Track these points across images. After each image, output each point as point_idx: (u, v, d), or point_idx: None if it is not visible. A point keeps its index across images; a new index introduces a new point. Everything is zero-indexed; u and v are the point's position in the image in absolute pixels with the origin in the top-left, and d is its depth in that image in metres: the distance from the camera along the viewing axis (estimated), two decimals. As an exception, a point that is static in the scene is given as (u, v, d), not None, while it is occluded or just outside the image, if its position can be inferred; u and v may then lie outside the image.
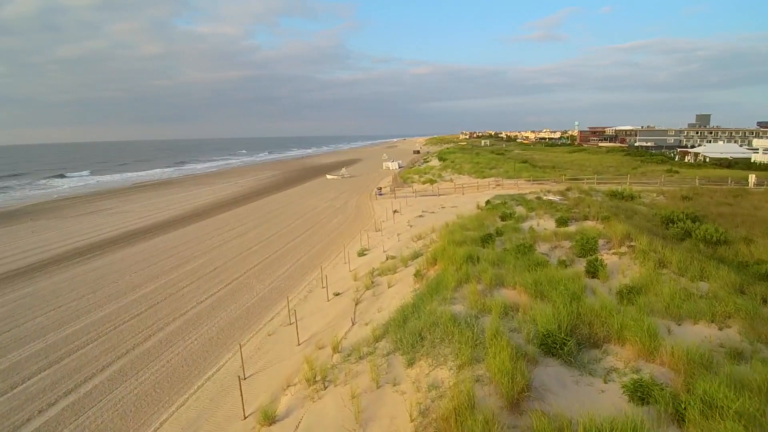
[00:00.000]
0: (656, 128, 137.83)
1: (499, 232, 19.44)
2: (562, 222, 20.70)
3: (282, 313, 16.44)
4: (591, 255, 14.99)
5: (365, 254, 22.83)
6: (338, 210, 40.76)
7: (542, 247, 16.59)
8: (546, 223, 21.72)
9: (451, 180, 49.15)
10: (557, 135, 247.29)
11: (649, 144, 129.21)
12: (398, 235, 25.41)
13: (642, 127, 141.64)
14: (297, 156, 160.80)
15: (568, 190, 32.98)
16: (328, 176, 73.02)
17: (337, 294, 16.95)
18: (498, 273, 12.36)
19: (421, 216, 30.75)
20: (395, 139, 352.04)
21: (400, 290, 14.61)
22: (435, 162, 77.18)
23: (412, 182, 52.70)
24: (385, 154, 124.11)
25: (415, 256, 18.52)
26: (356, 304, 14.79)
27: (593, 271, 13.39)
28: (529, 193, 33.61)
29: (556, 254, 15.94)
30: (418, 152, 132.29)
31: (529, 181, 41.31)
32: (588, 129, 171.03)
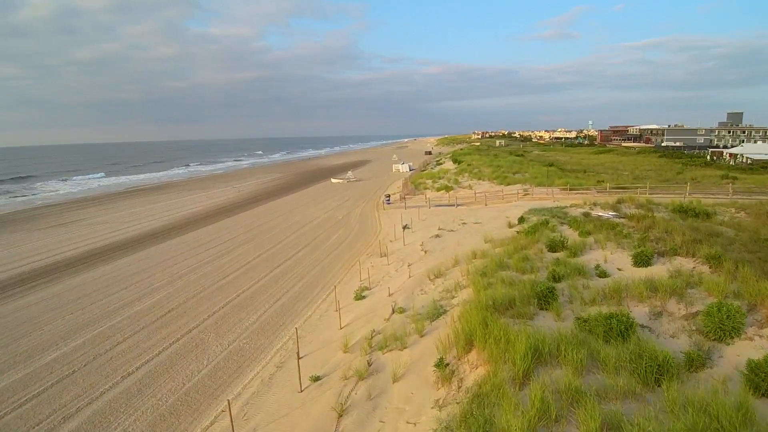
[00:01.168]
0: (685, 127, 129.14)
1: (556, 276, 13.41)
2: (642, 260, 14.55)
3: (223, 418, 10.44)
4: (731, 337, 8.94)
5: (364, 297, 16.97)
6: (339, 223, 35.01)
7: (636, 311, 10.56)
8: (616, 258, 15.59)
9: (470, 186, 42.98)
10: (573, 134, 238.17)
11: (677, 144, 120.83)
12: (409, 266, 19.52)
13: (669, 125, 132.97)
14: (305, 157, 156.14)
15: (619, 202, 26.65)
16: (333, 180, 67.43)
17: (316, 379, 11.13)
18: (606, 410, 6.33)
19: (437, 236, 24.79)
20: (406, 140, 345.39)
21: (413, 397, 8.74)
22: (449, 164, 70.94)
23: (425, 188, 46.69)
24: (395, 156, 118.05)
25: (435, 313, 12.59)
26: (339, 416, 8.95)
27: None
28: (570, 206, 27.38)
29: (664, 329, 9.89)
30: (430, 153, 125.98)
31: (565, 189, 34.97)
32: (609, 128, 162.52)
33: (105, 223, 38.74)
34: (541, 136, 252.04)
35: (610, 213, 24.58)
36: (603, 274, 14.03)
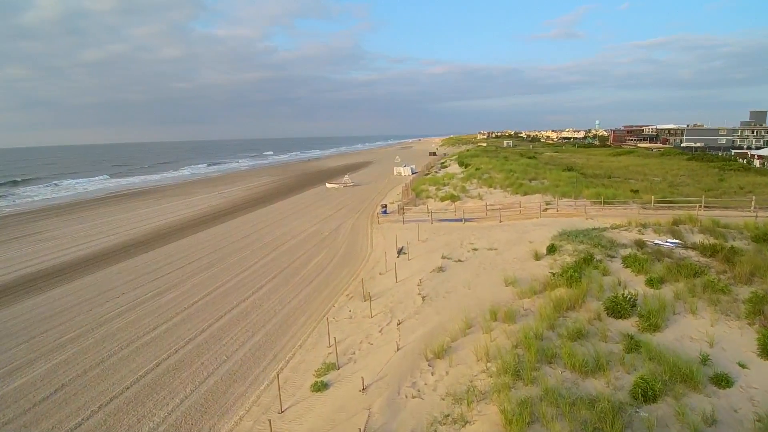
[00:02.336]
0: (705, 127, 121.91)
1: (647, 394, 7.63)
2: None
3: None
4: None
5: (326, 386, 11.12)
6: (324, 241, 29.30)
7: None
8: (724, 336, 9.79)
9: (480, 196, 37.01)
10: (581, 134, 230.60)
11: (698, 145, 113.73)
12: (399, 324, 13.79)
13: (688, 125, 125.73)
14: (305, 158, 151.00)
15: (676, 224, 20.70)
16: (328, 185, 61.78)
17: None
18: None
19: (440, 269, 18.97)
20: (410, 140, 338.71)
21: None
22: (455, 167, 64.94)
23: (427, 197, 40.83)
24: (397, 157, 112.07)
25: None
26: None
27: None
28: (612, 227, 21.48)
29: None
30: (434, 154, 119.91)
31: (597, 202, 28.91)
32: (623, 128, 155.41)
33: (57, 239, 33.38)
34: (548, 136, 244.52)
35: (671, 241, 18.65)
36: (722, 381, 8.21)
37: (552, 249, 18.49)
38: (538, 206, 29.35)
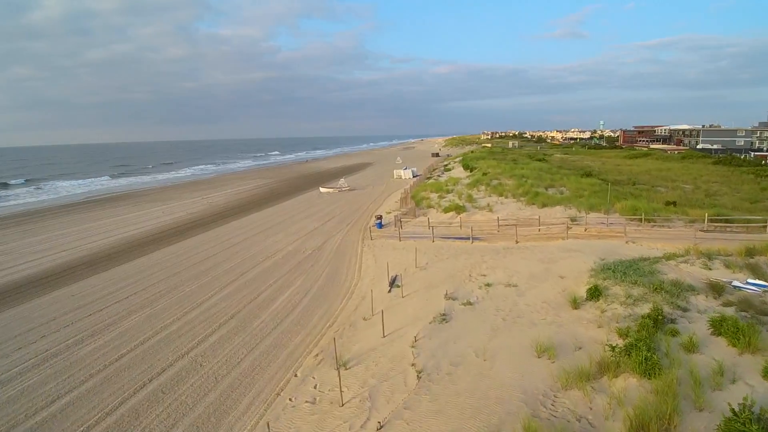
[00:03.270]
0: (722, 128, 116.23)
1: None
2: None
3: None
4: None
5: None
6: (304, 263, 24.50)
7: None
8: None
9: (489, 207, 32.05)
10: (587, 135, 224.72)
11: (715, 146, 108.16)
12: (378, 430, 8.96)
13: (703, 126, 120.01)
14: (304, 159, 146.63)
15: (751, 254, 15.78)
16: (322, 189, 57.04)
17: None
18: None
19: (443, 318, 14.11)
20: (413, 140, 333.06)
21: None
22: (458, 171, 60.00)
23: (429, 206, 35.95)
24: (398, 158, 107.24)
25: None
26: None
27: None
28: (666, 257, 16.56)
29: None
30: (437, 155, 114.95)
31: (634, 219, 23.95)
32: (633, 128, 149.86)
33: (1, 254, 28.81)
34: (553, 137, 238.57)
35: (756, 282, 13.71)
36: None
37: (595, 293, 13.60)
38: (563, 223, 24.36)
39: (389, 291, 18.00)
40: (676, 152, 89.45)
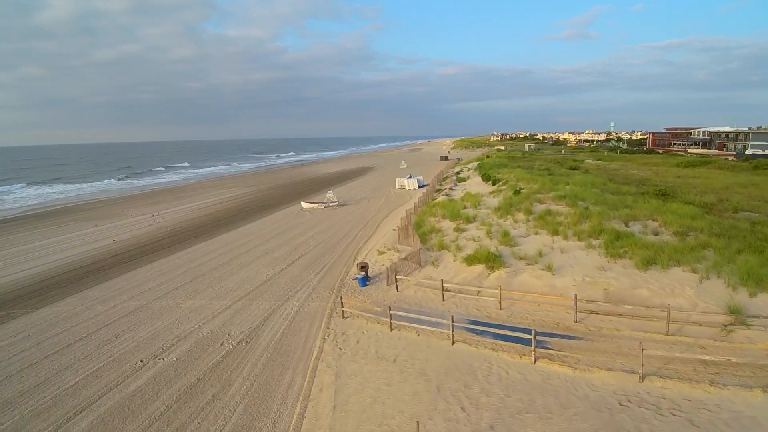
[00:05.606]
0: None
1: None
2: None
3: None
4: None
5: None
6: (201, 389, 12.56)
7: None
8: None
9: (541, 257, 19.45)
10: (602, 137, 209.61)
11: (766, 152, 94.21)
12: None
13: (750, 128, 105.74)
14: (298, 162, 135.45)
15: None
16: (304, 205, 45.10)
17: None
18: None
19: None
20: (420, 141, 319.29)
21: None
22: (476, 182, 47.42)
23: (441, 245, 23.45)
24: (403, 162, 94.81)
25: None
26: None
27: None
28: None
29: None
30: (447, 159, 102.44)
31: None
32: (664, 130, 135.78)
33: None
34: (566, 138, 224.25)
35: None
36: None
37: None
38: (714, 321, 11.93)
39: None
40: (730, 158, 75.97)
